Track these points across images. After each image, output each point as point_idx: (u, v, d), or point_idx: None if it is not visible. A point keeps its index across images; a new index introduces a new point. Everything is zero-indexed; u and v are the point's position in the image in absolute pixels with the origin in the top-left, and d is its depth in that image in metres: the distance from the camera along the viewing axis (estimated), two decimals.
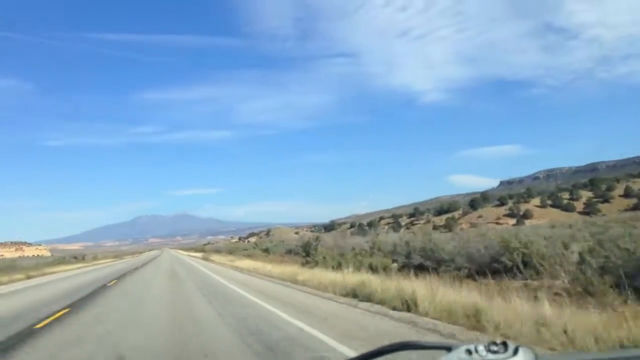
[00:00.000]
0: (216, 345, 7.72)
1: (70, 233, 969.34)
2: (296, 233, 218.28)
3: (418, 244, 17.05)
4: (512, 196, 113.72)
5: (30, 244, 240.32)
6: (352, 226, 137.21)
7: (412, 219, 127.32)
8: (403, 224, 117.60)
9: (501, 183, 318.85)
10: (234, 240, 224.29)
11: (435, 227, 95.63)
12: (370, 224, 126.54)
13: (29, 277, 30.96)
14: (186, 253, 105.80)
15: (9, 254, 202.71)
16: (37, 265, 42.44)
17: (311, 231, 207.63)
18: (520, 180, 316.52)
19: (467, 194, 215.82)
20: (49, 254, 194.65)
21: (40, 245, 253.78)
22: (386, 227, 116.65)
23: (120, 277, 26.46)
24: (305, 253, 23.33)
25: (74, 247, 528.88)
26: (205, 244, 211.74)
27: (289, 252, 33.08)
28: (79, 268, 46.58)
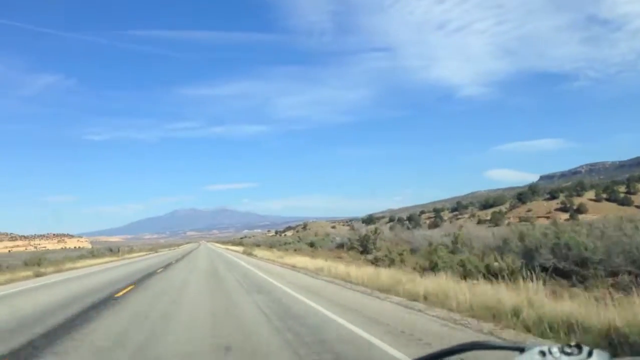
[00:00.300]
0: None
1: (112, 226, 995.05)
2: (333, 227, 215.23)
3: (546, 238, 12.53)
4: (562, 189, 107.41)
5: (72, 236, 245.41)
6: (390, 220, 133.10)
7: (454, 213, 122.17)
8: (445, 218, 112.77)
9: (541, 178, 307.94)
10: (270, 234, 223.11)
11: (480, 222, 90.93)
12: (410, 218, 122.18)
13: (37, 275, 25.83)
14: (224, 246, 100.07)
15: (52, 245, 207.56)
16: (56, 261, 38.31)
17: (348, 225, 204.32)
18: (562, 175, 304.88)
19: (506, 189, 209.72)
20: (89, 245, 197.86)
21: (81, 237, 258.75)
22: (427, 221, 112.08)
23: (140, 280, 19.94)
24: (363, 248, 20.31)
25: (115, 239, 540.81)
26: (241, 237, 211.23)
27: (341, 246, 29.73)
28: (105, 263, 42.18)
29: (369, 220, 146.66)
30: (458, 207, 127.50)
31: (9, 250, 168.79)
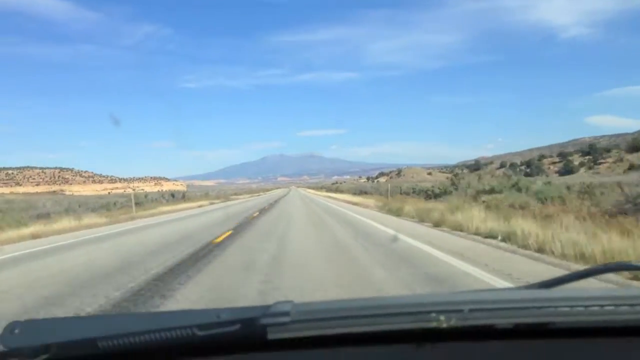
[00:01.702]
0: None
1: (207, 170, 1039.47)
2: (429, 174, 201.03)
3: None
4: None
5: (168, 180, 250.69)
6: (501, 166, 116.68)
7: (585, 157, 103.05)
8: (576, 163, 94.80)
9: None
10: (362, 180, 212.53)
11: (631, 167, 73.63)
12: (529, 164, 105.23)
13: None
14: (322, 194, 75.26)
15: (149, 188, 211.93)
16: (145, 204, 32.63)
17: (450, 172, 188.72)
18: None
19: (612, 136, 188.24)
20: (184, 189, 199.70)
21: (177, 181, 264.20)
22: (551, 167, 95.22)
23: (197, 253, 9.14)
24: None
25: (209, 183, 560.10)
26: (333, 184, 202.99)
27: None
28: (207, 205, 38.09)
29: (476, 166, 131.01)
30: (590, 151, 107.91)
31: (109, 192, 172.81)
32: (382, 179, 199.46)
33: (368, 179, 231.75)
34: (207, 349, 1.13)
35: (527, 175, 73.13)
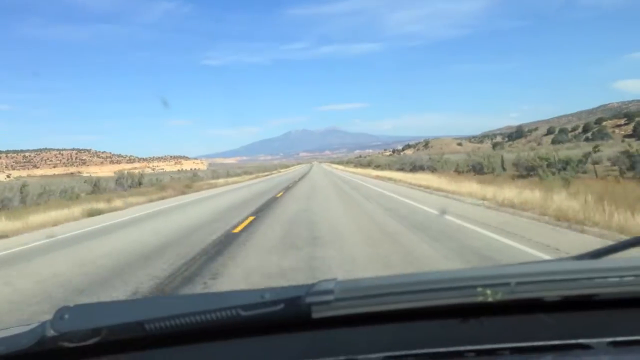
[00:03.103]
0: None
1: (230, 148, 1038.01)
2: (459, 144, 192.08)
3: None
4: None
5: (188, 158, 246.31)
6: (549, 132, 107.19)
7: None
8: None
9: None
10: (387, 154, 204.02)
11: None
12: (586, 128, 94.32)
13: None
14: (353, 170, 61.23)
15: (169, 167, 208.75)
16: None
17: (479, 142, 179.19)
18: None
19: None
20: (205, 167, 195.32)
21: (197, 159, 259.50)
22: (616, 130, 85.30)
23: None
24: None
25: (231, 161, 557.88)
26: (357, 157, 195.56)
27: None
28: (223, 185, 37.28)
29: (518, 134, 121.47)
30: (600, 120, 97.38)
31: (127, 172, 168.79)
32: (409, 152, 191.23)
33: (393, 151, 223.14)
34: (252, 329, 1.14)
35: (587, 140, 64.29)
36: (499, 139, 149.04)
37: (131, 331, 1.09)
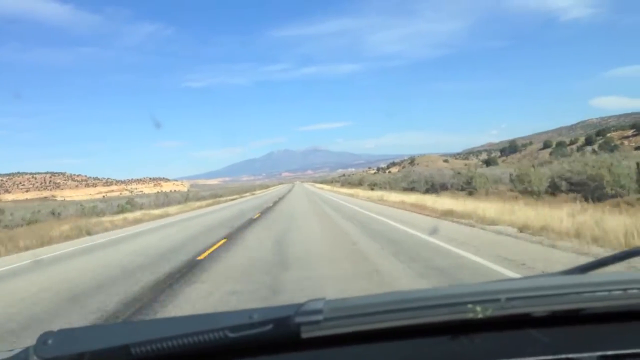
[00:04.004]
0: None
1: (213, 169, 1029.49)
2: (445, 161, 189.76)
3: None
4: None
5: (168, 180, 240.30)
6: (545, 146, 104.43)
7: None
8: None
9: None
10: (371, 172, 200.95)
11: None
12: (589, 140, 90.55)
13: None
14: (341, 190, 56.48)
15: (148, 189, 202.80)
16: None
17: (464, 158, 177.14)
18: None
19: (620, 116, 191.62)
20: (185, 189, 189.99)
21: (177, 181, 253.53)
22: (625, 142, 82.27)
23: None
24: None
25: (214, 182, 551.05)
26: (341, 176, 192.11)
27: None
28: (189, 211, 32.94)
29: (512, 149, 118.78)
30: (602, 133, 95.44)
31: (103, 196, 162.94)
32: (394, 169, 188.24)
33: (378, 169, 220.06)
34: (240, 351, 1.12)
35: (595, 153, 61.02)
36: (484, 155, 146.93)
37: (117, 355, 1.06)
